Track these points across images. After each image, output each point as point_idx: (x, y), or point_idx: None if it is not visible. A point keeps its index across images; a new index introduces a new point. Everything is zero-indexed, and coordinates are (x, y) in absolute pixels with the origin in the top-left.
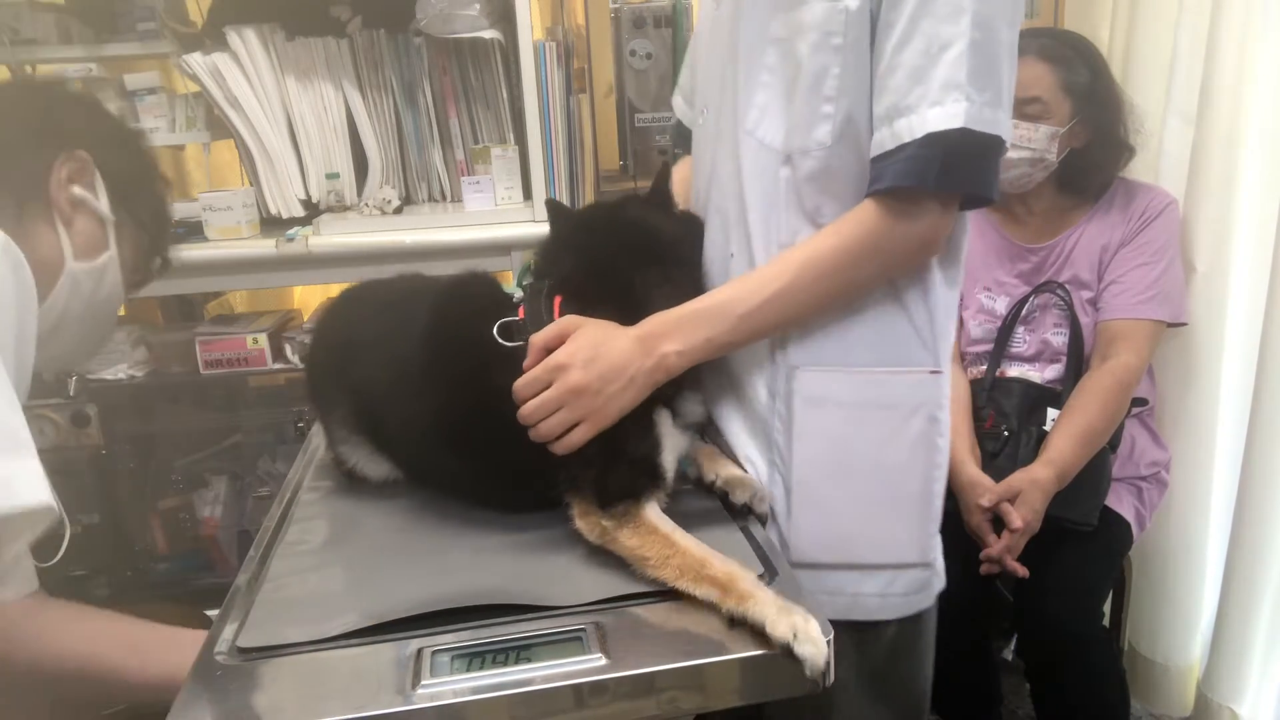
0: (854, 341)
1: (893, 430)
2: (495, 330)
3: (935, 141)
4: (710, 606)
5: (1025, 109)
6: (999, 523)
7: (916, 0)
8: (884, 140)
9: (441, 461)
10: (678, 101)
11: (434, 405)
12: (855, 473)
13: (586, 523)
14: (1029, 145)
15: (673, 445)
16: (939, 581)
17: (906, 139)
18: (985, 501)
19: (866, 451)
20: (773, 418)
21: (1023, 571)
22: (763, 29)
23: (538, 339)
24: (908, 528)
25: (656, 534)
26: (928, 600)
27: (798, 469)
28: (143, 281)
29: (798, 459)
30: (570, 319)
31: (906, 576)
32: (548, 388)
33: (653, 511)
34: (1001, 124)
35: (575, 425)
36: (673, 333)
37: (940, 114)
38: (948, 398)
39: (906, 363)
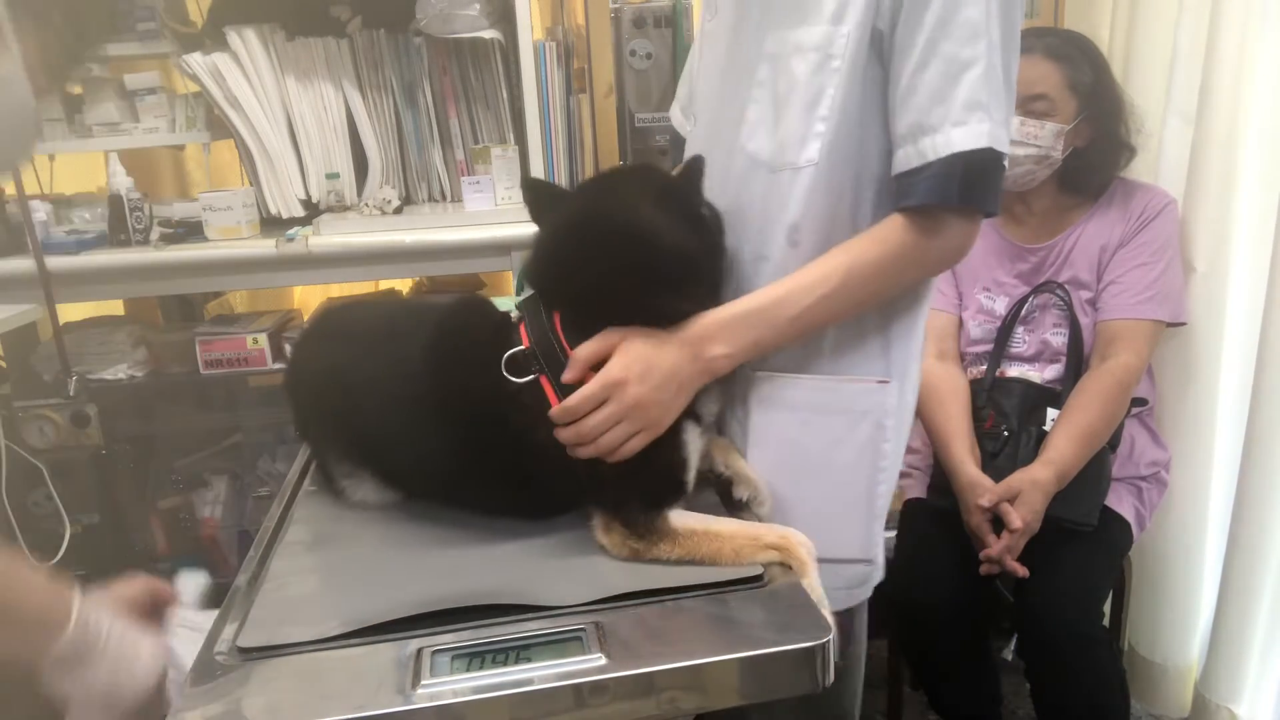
0: (809, 350)
1: (841, 434)
2: (503, 366)
3: (957, 160)
4: (715, 599)
5: (1032, 106)
6: (999, 523)
7: (934, 23)
8: (909, 157)
9: (473, 486)
10: (675, 114)
11: (460, 435)
12: (806, 473)
13: (611, 540)
14: (1035, 142)
15: (696, 452)
16: (878, 574)
17: (931, 157)
18: (985, 502)
19: (816, 453)
20: (731, 421)
21: (1022, 571)
22: (757, 43)
23: (581, 354)
24: (852, 525)
25: (695, 534)
26: (866, 593)
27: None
28: (55, 83)
29: (752, 459)
30: (612, 331)
31: (849, 570)
32: (602, 404)
33: (679, 518)
34: (1006, 143)
35: (632, 436)
36: (720, 335)
37: (965, 134)
38: (903, 407)
39: (857, 371)
